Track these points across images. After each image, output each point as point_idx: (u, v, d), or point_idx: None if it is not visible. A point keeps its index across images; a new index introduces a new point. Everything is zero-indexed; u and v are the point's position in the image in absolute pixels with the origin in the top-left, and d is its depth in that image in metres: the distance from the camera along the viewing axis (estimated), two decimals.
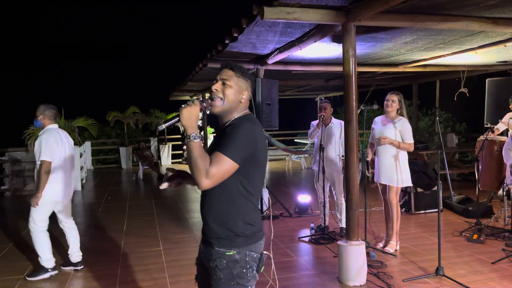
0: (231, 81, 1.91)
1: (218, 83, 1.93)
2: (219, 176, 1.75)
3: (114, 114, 13.66)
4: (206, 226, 1.93)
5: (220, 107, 1.91)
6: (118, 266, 4.41)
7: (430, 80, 10.20)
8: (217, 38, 5.45)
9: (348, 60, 3.79)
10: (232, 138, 1.79)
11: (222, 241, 1.87)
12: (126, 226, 6.09)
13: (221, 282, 1.87)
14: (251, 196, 1.89)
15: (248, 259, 1.88)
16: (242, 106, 1.96)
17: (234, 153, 1.76)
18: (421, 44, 5.35)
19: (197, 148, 1.74)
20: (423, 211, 6.34)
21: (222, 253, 1.87)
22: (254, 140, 1.83)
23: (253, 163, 1.85)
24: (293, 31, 4.51)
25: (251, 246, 1.89)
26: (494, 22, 4.06)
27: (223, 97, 1.90)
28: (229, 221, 1.87)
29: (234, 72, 1.93)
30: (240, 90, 1.94)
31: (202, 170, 1.71)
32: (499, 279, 3.82)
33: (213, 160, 1.75)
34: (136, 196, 8.70)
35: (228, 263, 1.86)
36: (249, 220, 1.89)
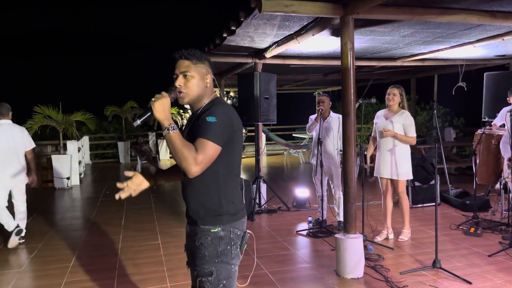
0: (191, 71, 1.92)
1: (179, 78, 1.92)
2: (206, 161, 1.79)
3: (112, 109, 13.61)
4: (190, 209, 1.98)
5: (187, 99, 1.95)
6: (117, 260, 4.42)
7: (428, 75, 10.20)
8: (215, 31, 5.43)
9: (346, 54, 3.79)
10: (212, 123, 1.82)
11: (207, 219, 1.92)
12: (124, 220, 6.10)
13: (206, 260, 1.90)
14: (232, 176, 1.95)
15: (233, 235, 1.93)
16: (209, 89, 1.99)
17: (216, 137, 1.80)
18: (420, 38, 5.34)
19: (178, 138, 1.76)
20: (420, 205, 6.36)
21: (207, 230, 1.91)
22: (231, 122, 1.89)
23: (231, 144, 1.90)
24: (291, 24, 4.50)
25: (235, 224, 1.94)
26: (492, 15, 4.06)
27: (188, 91, 1.92)
28: (213, 202, 1.92)
29: (190, 61, 1.93)
30: (202, 76, 1.95)
31: (189, 158, 1.74)
32: (495, 271, 3.85)
33: (198, 147, 1.78)
34: None
35: (213, 240, 1.90)
36: (232, 198, 1.95)
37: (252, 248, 4.68)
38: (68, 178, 9.02)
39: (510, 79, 6.73)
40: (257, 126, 6.90)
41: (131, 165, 12.34)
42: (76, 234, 5.47)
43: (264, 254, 4.49)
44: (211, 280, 1.89)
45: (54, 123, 9.28)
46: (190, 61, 1.92)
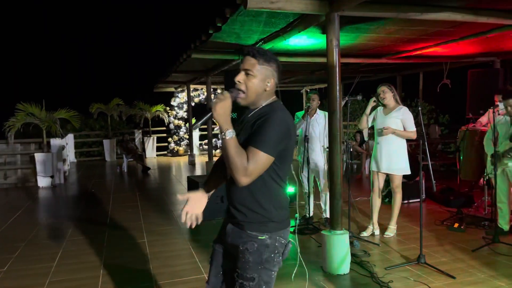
0: (254, 70, 1.84)
1: (241, 74, 1.87)
2: (257, 173, 1.75)
3: (97, 106, 13.45)
4: (235, 211, 1.92)
5: (245, 100, 1.88)
6: (102, 258, 4.37)
7: (413, 72, 10.30)
8: (201, 28, 5.40)
9: (332, 51, 3.79)
10: (266, 131, 1.75)
11: (255, 225, 1.87)
12: (110, 218, 6.03)
13: (249, 266, 1.87)
14: (282, 182, 1.91)
15: (278, 244, 1.90)
16: (268, 93, 1.91)
17: (270, 148, 1.74)
18: (405, 35, 5.38)
19: (233, 145, 1.71)
20: (406, 201, 6.42)
21: (254, 236, 1.87)
22: (288, 131, 1.82)
23: (285, 151, 1.85)
24: (277, 21, 4.49)
25: (281, 232, 1.91)
26: (476, 13, 4.11)
27: (246, 90, 1.86)
28: (261, 208, 1.87)
29: (257, 60, 1.85)
30: (265, 78, 1.87)
31: (240, 168, 1.70)
32: (479, 266, 3.90)
33: (249, 156, 1.72)
34: (120, 189, 8.61)
35: (259, 247, 1.87)
36: (281, 205, 1.92)
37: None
38: (52, 176, 8.88)
39: (493, 77, 6.83)
40: None
41: (117, 163, 12.21)
42: (60, 233, 5.39)
43: None
44: (252, 285, 1.88)
45: (37, 121, 9.12)
46: (256, 60, 1.85)
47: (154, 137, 14.14)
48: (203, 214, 2.17)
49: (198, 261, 4.22)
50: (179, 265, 4.16)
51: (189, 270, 4.00)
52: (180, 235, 5.15)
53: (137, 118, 14.38)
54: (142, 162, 10.99)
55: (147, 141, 13.94)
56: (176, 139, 14.12)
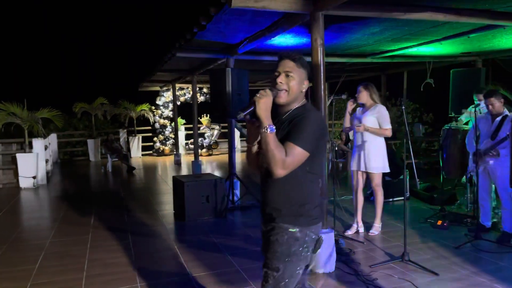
0: (294, 73, 1.98)
1: (282, 76, 1.99)
2: (293, 166, 1.87)
3: (81, 105, 13.23)
4: (270, 206, 2.03)
5: (285, 99, 1.99)
6: (85, 260, 4.30)
7: (398, 71, 10.40)
8: (185, 27, 5.35)
9: (317, 50, 3.79)
10: (303, 129, 1.89)
11: (287, 218, 1.97)
12: (94, 219, 5.95)
13: (276, 256, 1.97)
14: (315, 178, 2.02)
15: (307, 239, 1.99)
16: (302, 95, 2.05)
17: (306, 143, 1.87)
18: (389, 35, 5.43)
19: (273, 139, 1.83)
20: (391, 199, 6.48)
21: (285, 228, 1.97)
22: (323, 130, 1.96)
23: (318, 148, 1.96)
24: (262, 20, 4.48)
25: (312, 227, 2.00)
26: (458, 13, 4.16)
27: (288, 90, 1.98)
28: (296, 202, 1.97)
29: (295, 63, 1.99)
30: (302, 81, 2.02)
31: (279, 161, 1.83)
32: (461, 263, 3.96)
33: (287, 150, 1.85)
34: (104, 189, 8.51)
35: (288, 239, 1.96)
36: (314, 201, 2.01)
37: (224, 245, 4.65)
38: (35, 177, 8.72)
39: (475, 76, 6.93)
40: (230, 123, 6.86)
41: (102, 163, 12.05)
42: (43, 234, 5.29)
43: (236, 251, 4.47)
44: (276, 276, 1.97)
45: (19, 121, 8.94)
46: (295, 63, 1.99)
47: (139, 136, 14.00)
48: (189, 214, 2.20)
49: (183, 261, 4.19)
50: (163, 265, 4.13)
51: (175, 270, 3.98)
52: (165, 236, 5.11)
53: (122, 117, 14.21)
54: (127, 162, 10.88)
55: (132, 141, 13.79)
56: (162, 139, 14.01)
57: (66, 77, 19.93)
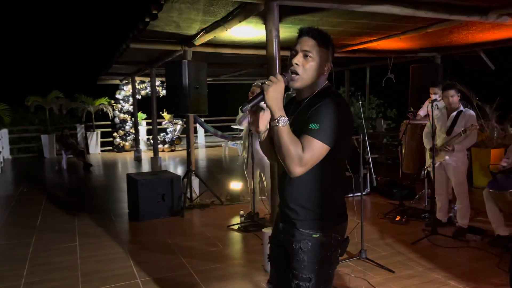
0: (313, 52, 1.70)
1: (299, 56, 1.71)
2: (312, 162, 1.62)
3: (34, 99, 12.53)
4: (287, 208, 1.80)
5: (301, 83, 1.73)
6: (25, 266, 3.98)
7: (361, 66, 10.45)
8: (138, 16, 5.06)
9: (272, 41, 3.64)
10: (322, 119, 1.62)
11: (307, 223, 1.75)
12: (40, 220, 5.57)
13: (304, 265, 1.75)
14: (337, 175, 1.79)
15: (333, 241, 1.78)
16: (324, 78, 1.78)
17: (326, 136, 1.61)
18: (348, 28, 5.34)
19: (286, 133, 1.58)
20: (351, 195, 6.45)
21: (307, 234, 1.75)
22: (345, 119, 1.68)
23: (341, 141, 1.69)
24: (216, 9, 4.26)
25: (336, 228, 1.79)
26: (415, 6, 4.10)
27: (304, 72, 1.71)
28: (315, 204, 1.74)
29: (316, 41, 1.70)
30: (323, 62, 1.73)
31: (295, 158, 1.59)
32: (417, 258, 3.93)
33: (304, 145, 1.60)
34: (56, 188, 8.06)
35: (313, 246, 1.75)
36: (336, 201, 1.79)
37: (178, 246, 4.44)
38: None
39: (434, 71, 7.00)
40: (188, 118, 6.61)
41: (57, 160, 11.49)
42: None
43: (191, 252, 4.27)
44: (309, 286, 1.76)
45: None
46: (316, 41, 1.70)
47: (98, 132, 13.44)
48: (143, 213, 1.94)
49: (132, 265, 3.95)
50: (111, 269, 3.86)
51: (122, 275, 3.73)
52: (116, 237, 4.83)
53: (79, 112, 13.60)
54: (83, 159, 10.40)
55: (90, 136, 13.23)
56: (122, 134, 13.52)
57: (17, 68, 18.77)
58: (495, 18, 4.55)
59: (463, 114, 4.44)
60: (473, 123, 4.33)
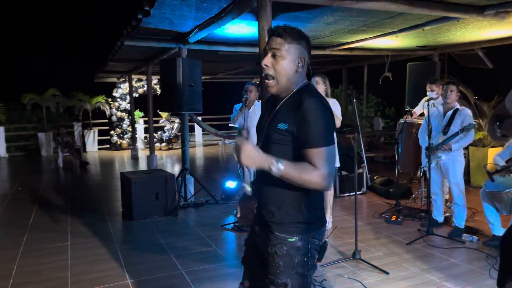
0: (283, 50, 1.64)
1: (267, 57, 1.67)
2: (330, 167, 1.61)
3: (31, 97, 12.45)
4: (264, 210, 1.76)
5: (276, 87, 1.68)
6: (14, 266, 3.92)
7: (358, 65, 10.37)
8: (130, 13, 4.99)
9: (264, 38, 3.56)
10: (314, 125, 1.59)
11: (283, 227, 1.71)
12: (32, 219, 5.51)
13: (280, 270, 1.71)
14: None
15: (310, 246, 1.73)
16: (299, 75, 1.71)
17: (327, 138, 1.61)
18: (344, 26, 5.28)
19: (290, 170, 1.56)
20: (347, 194, 6.41)
21: (283, 239, 1.71)
22: (331, 115, 1.67)
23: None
24: (209, 6, 4.20)
25: (314, 233, 1.74)
26: (411, 3, 4.04)
27: (275, 75, 1.66)
28: (292, 207, 1.70)
29: (284, 39, 1.64)
30: (295, 58, 1.67)
31: (317, 180, 1.57)
32: (412, 259, 3.88)
33: (316, 160, 1.58)
34: (51, 186, 8.00)
35: (289, 250, 1.70)
36: (314, 204, 1.74)
37: (171, 246, 4.39)
38: None
39: (430, 69, 6.94)
40: (183, 116, 6.55)
41: (53, 158, 11.43)
42: None
43: (183, 252, 4.21)
44: None
45: None
46: (283, 39, 1.64)
47: (95, 130, 13.38)
48: (136, 213, 1.87)
49: (123, 265, 3.89)
50: (101, 270, 3.80)
51: (112, 276, 3.67)
52: (108, 237, 4.77)
53: (76, 110, 13.51)
54: (79, 157, 10.34)
55: (87, 134, 13.17)
56: (119, 132, 13.45)
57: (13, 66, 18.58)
58: (492, 16, 4.49)
59: (459, 112, 4.38)
60: (470, 122, 4.27)
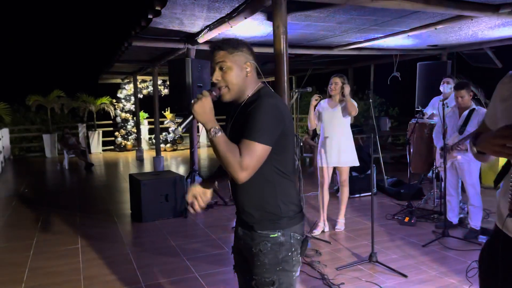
0: (228, 62, 1.71)
1: (216, 72, 1.73)
2: (254, 165, 1.61)
3: (35, 98, 12.43)
4: (243, 213, 1.79)
5: (229, 95, 1.75)
6: (25, 269, 3.87)
7: (365, 65, 10.32)
8: (140, 13, 4.94)
9: (279, 38, 3.52)
10: (257, 120, 1.61)
11: (265, 224, 1.73)
12: (41, 221, 5.47)
13: (266, 268, 1.72)
14: (286, 173, 1.76)
15: (293, 241, 1.74)
16: (251, 79, 1.76)
17: (264, 137, 1.61)
18: (355, 25, 5.22)
19: (222, 142, 1.59)
20: (357, 195, 6.34)
21: (265, 235, 1.72)
22: (281, 115, 1.67)
23: (282, 139, 1.69)
24: (221, 5, 4.15)
25: (295, 227, 1.76)
26: (426, 2, 3.98)
27: (227, 84, 1.72)
28: (270, 205, 1.73)
29: (226, 51, 1.71)
30: (241, 65, 1.73)
31: (235, 164, 1.58)
32: (429, 262, 3.81)
33: (243, 150, 1.59)
34: (58, 188, 7.96)
35: (273, 246, 1.72)
36: (290, 199, 1.76)
37: (183, 248, 4.33)
38: None
39: (441, 69, 6.87)
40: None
41: (58, 159, 11.40)
42: None
43: (195, 255, 4.16)
44: None
45: None
46: (225, 51, 1.71)
47: (100, 131, 13.35)
48: (146, 214, 1.86)
49: (136, 268, 3.83)
50: (114, 273, 3.75)
51: (125, 278, 3.62)
52: (119, 239, 4.73)
53: (80, 111, 13.49)
54: (85, 158, 10.30)
55: (91, 136, 13.14)
56: (124, 133, 13.41)
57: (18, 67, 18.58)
58: (507, 14, 4.43)
59: (476, 112, 4.31)
60: None
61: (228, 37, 1.76)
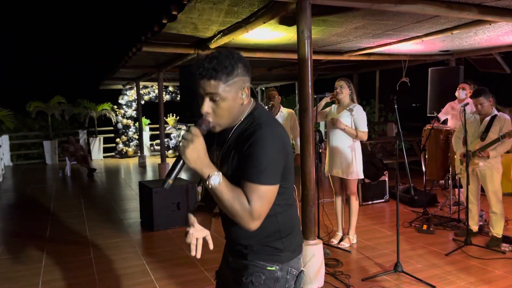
0: (221, 93, 1.41)
1: (206, 103, 1.43)
2: (265, 210, 1.41)
3: (36, 104, 12.27)
4: (238, 245, 1.56)
5: (221, 127, 1.48)
6: (39, 281, 3.74)
7: (370, 70, 10.27)
8: (153, 17, 4.85)
9: (304, 43, 3.43)
10: (261, 158, 1.38)
11: (263, 255, 1.53)
12: (50, 231, 5.32)
13: None
14: (289, 202, 1.57)
15: (289, 277, 1.55)
16: (245, 106, 1.50)
17: (271, 176, 1.40)
18: (371, 30, 5.16)
19: (225, 190, 1.36)
20: (370, 202, 6.25)
21: (262, 266, 1.52)
22: (283, 145, 1.45)
23: (286, 169, 1.48)
24: (240, 10, 4.06)
25: (293, 262, 1.57)
26: (449, 6, 3.92)
27: (218, 120, 1.45)
28: (271, 239, 1.53)
29: (218, 79, 1.40)
30: (236, 93, 1.44)
31: (244, 214, 1.37)
32: (456, 272, 3.72)
33: (250, 195, 1.37)
34: (62, 196, 7.80)
35: (266, 281, 1.52)
36: (292, 230, 1.58)
37: (198, 258, 4.20)
38: None
39: (453, 74, 6.83)
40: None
41: (59, 166, 11.22)
42: None
43: (213, 265, 4.02)
44: None
45: None
46: (218, 80, 1.40)
47: (101, 137, 13.20)
48: (158, 223, 1.66)
49: (154, 280, 3.71)
50: (131, 285, 3.63)
51: None
52: (131, 248, 4.60)
53: (81, 117, 13.34)
54: (87, 165, 10.15)
55: (92, 142, 12.98)
56: (125, 140, 13.28)
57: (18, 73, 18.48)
58: None
59: (498, 118, 4.24)
60: (510, 128, 4.13)
61: (218, 59, 1.41)
